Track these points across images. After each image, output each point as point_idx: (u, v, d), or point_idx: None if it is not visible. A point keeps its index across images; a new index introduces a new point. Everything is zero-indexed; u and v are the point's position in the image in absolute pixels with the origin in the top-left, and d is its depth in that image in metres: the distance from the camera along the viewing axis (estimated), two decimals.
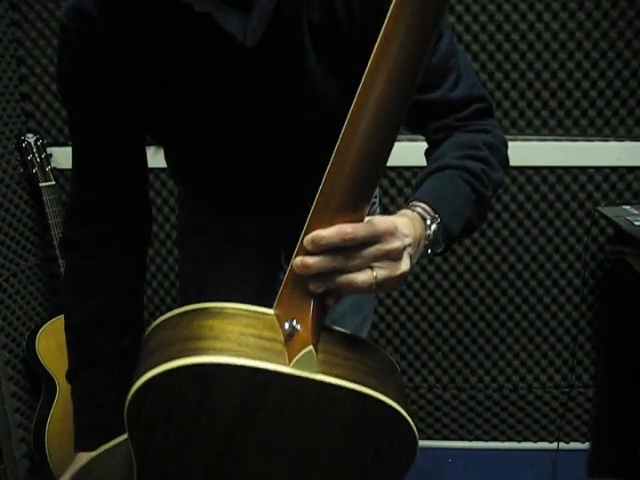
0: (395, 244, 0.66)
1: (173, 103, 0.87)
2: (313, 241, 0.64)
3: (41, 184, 1.88)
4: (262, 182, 0.99)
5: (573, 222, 1.96)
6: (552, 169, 1.92)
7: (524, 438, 2.15)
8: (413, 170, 1.94)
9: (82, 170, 0.96)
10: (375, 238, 0.65)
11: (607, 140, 1.89)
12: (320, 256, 0.64)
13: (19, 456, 1.97)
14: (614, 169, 1.90)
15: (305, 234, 0.65)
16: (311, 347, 0.63)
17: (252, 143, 0.91)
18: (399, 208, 0.80)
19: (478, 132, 0.89)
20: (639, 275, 1.57)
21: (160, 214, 2.06)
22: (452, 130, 0.89)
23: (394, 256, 0.66)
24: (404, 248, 0.68)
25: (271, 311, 0.69)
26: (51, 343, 1.89)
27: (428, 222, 0.76)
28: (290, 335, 0.65)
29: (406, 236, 0.69)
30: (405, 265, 0.68)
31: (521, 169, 1.93)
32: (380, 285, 0.66)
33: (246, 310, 0.69)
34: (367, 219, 0.66)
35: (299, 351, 0.63)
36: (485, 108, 0.91)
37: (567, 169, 1.92)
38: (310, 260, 0.64)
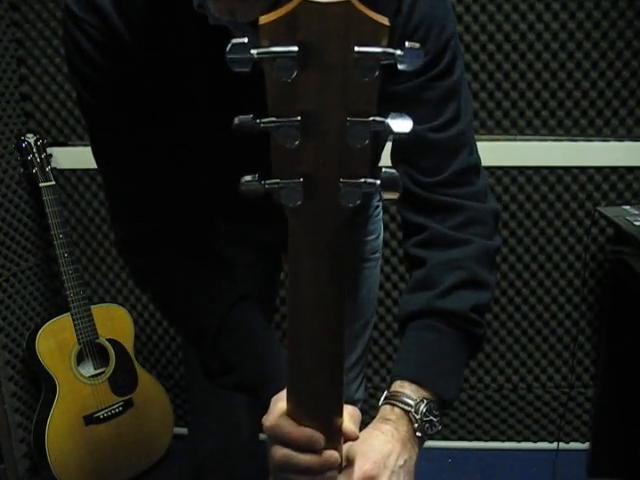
0: None
1: (179, 108, 0.86)
2: None
3: (41, 184, 1.87)
4: None
5: (573, 222, 1.96)
6: (552, 169, 1.92)
7: (524, 438, 2.15)
8: None
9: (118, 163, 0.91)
10: None
11: (607, 140, 1.89)
12: None
13: (19, 456, 1.97)
14: (614, 169, 1.90)
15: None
16: None
17: (253, 154, 0.91)
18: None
19: (458, 244, 0.82)
20: (639, 275, 1.57)
21: None
22: (430, 194, 0.83)
23: None
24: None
25: None
26: (51, 343, 1.88)
27: (412, 413, 0.74)
28: None
29: (388, 457, 0.68)
30: None
31: (521, 169, 1.92)
32: None
33: None
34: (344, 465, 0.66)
35: None
36: (470, 166, 0.85)
37: (567, 169, 1.91)
38: None
